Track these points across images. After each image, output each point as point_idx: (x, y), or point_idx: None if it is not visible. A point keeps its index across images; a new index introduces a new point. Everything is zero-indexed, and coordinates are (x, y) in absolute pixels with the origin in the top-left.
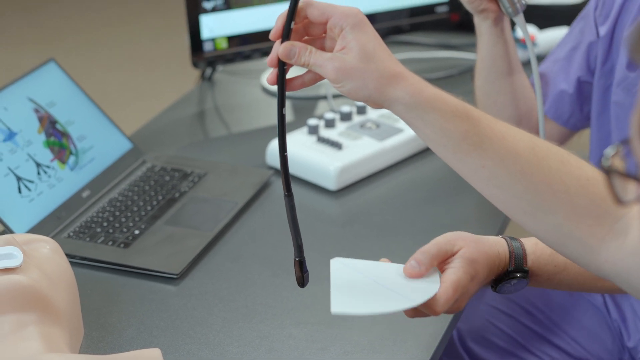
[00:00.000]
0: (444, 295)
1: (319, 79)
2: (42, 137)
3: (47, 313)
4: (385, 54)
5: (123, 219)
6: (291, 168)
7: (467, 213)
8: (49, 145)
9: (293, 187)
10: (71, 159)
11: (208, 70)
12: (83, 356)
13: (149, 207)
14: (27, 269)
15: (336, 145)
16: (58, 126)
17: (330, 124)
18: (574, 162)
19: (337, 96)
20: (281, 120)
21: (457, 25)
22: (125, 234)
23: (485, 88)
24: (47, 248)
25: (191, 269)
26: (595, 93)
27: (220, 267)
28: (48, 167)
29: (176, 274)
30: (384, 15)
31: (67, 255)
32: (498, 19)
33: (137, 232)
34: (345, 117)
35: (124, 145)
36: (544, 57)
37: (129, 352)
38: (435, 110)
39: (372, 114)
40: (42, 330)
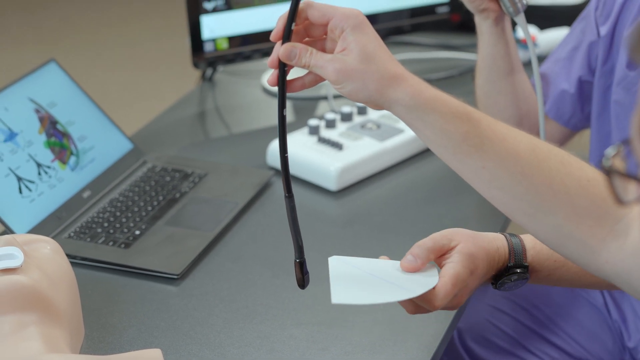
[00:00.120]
0: (442, 289)
1: (319, 80)
2: (43, 137)
3: (47, 313)
4: (385, 56)
5: (124, 220)
6: (292, 168)
7: (468, 213)
8: (49, 145)
9: (293, 188)
10: (72, 159)
11: (209, 71)
12: (84, 356)
13: (149, 208)
14: (28, 269)
15: (337, 145)
16: (59, 126)
17: (330, 124)
18: (575, 163)
19: (337, 97)
20: (282, 122)
21: (458, 26)
22: (126, 234)
23: (486, 88)
24: (48, 248)
25: (192, 270)
26: (595, 93)
27: (221, 267)
28: (49, 167)
29: (177, 275)
30: (385, 15)
31: (68, 256)
32: (499, 19)
33: (137, 232)
34: (346, 117)
35: (125, 146)
36: (544, 58)
37: (129, 352)
38: (435, 112)
39: (372, 114)
40: (43, 331)
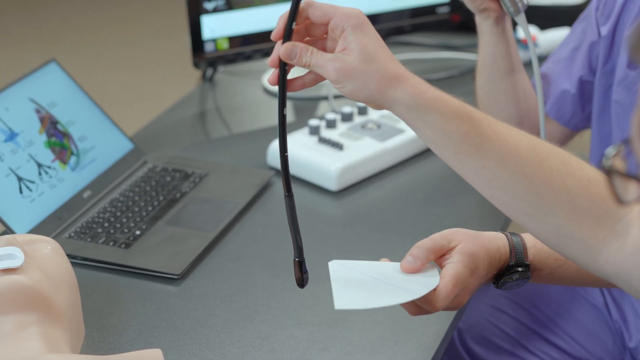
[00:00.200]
0: (443, 290)
1: (320, 79)
2: (43, 137)
3: (48, 313)
4: (386, 55)
5: (124, 220)
6: (292, 169)
7: (468, 213)
8: (50, 145)
9: (294, 188)
10: (72, 159)
11: (209, 71)
12: (84, 356)
13: (150, 208)
14: (28, 269)
15: (337, 145)
16: (59, 126)
17: (331, 124)
18: (575, 163)
19: (338, 97)
20: (282, 121)
21: (459, 26)
22: (127, 234)
23: (487, 87)
24: (48, 248)
25: (192, 270)
26: (596, 93)
27: (221, 267)
28: (49, 167)
29: (177, 275)
30: (386, 15)
31: (68, 256)
32: (499, 19)
33: (138, 232)
34: (346, 117)
35: (125, 146)
36: (544, 58)
37: (129, 352)
38: (435, 111)
39: (373, 114)
40: (43, 331)
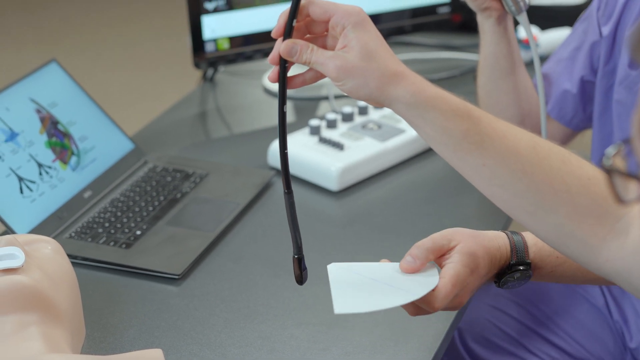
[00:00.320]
0: (442, 290)
1: (320, 77)
2: (44, 137)
3: (48, 313)
4: (386, 53)
5: (125, 220)
6: (292, 169)
7: (469, 214)
8: (50, 145)
9: (294, 188)
10: (73, 159)
11: (210, 71)
12: (84, 356)
13: (150, 208)
14: (29, 269)
15: (338, 145)
16: (60, 127)
17: (331, 124)
18: (575, 162)
19: (338, 97)
20: (282, 118)
21: (459, 26)
22: (127, 234)
23: (488, 87)
24: (49, 248)
25: (193, 270)
26: (597, 92)
27: (222, 267)
28: (50, 167)
29: (178, 275)
30: (386, 16)
31: (69, 256)
32: (501, 18)
33: (138, 232)
34: (347, 117)
35: (126, 146)
36: (545, 58)
37: (130, 352)
38: (436, 109)
39: (373, 114)
40: (44, 331)
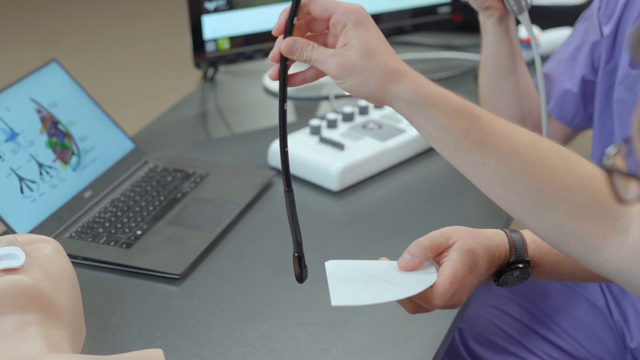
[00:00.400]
0: (440, 287)
1: (320, 75)
2: (44, 137)
3: (49, 313)
4: (387, 51)
5: (125, 220)
6: (293, 168)
7: (469, 213)
8: (51, 145)
9: (295, 187)
10: (73, 159)
11: (210, 71)
12: (85, 356)
13: (151, 208)
14: (30, 269)
15: (338, 145)
16: (60, 126)
17: (332, 124)
18: (575, 161)
19: (339, 97)
20: (282, 116)
21: (460, 26)
22: (127, 234)
23: (489, 86)
24: (49, 248)
25: (193, 270)
26: (598, 92)
27: (222, 267)
28: (50, 167)
29: (178, 275)
30: (387, 15)
31: (69, 256)
32: (503, 17)
33: (139, 232)
34: (347, 117)
35: (126, 146)
36: (546, 58)
37: (130, 352)
38: (436, 108)
39: (374, 114)
40: (44, 331)
